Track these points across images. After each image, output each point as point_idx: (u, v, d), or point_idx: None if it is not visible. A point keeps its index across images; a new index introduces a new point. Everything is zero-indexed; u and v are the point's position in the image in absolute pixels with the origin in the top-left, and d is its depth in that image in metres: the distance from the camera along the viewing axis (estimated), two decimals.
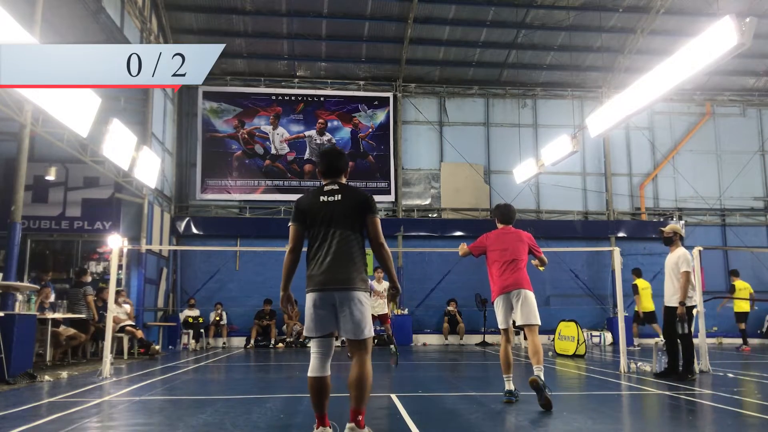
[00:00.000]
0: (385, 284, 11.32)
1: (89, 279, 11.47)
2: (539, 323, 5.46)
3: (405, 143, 17.19)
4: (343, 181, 3.87)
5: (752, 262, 16.67)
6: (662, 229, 7.77)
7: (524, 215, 16.54)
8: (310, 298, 3.65)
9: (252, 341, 14.32)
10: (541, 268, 5.96)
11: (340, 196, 3.70)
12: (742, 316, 13.20)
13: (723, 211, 17.48)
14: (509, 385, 5.47)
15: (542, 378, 5.01)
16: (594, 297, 16.44)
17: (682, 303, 7.13)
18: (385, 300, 11.01)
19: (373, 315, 11.49)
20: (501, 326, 5.60)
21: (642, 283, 13.06)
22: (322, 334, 3.64)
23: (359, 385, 3.51)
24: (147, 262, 13.33)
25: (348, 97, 17.12)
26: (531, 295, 5.49)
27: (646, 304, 12.88)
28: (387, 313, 11.03)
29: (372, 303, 10.97)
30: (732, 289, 13.61)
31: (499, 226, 5.81)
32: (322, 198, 3.71)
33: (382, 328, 11.80)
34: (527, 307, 5.40)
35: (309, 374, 3.63)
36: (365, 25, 15.90)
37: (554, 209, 17.14)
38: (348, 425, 3.52)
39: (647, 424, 4.58)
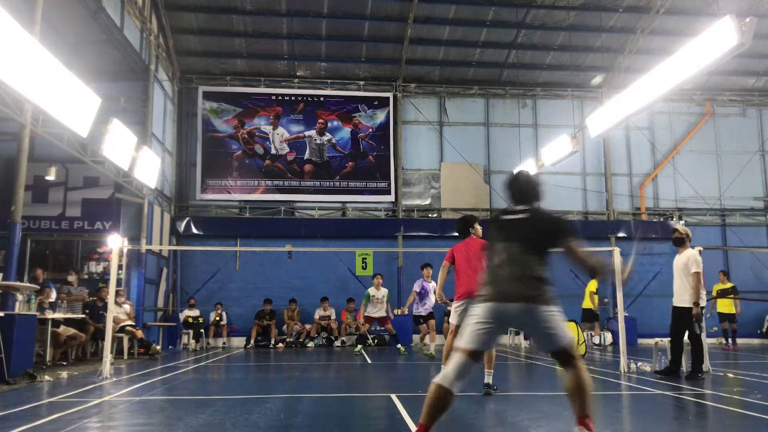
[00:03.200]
0: (384, 291, 12.32)
1: (73, 282, 11.40)
2: None
3: (405, 143, 17.18)
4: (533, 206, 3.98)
5: (752, 262, 16.67)
6: (677, 228, 7.71)
7: None
8: (483, 309, 3.48)
9: (252, 341, 14.32)
10: None
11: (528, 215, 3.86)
12: (724, 317, 13.84)
13: (723, 211, 17.46)
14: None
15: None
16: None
17: (696, 303, 7.10)
18: (384, 304, 12.09)
19: (373, 317, 11.96)
20: None
21: None
22: (483, 348, 3.47)
23: (581, 393, 3.46)
24: (147, 262, 13.33)
25: (348, 97, 17.11)
26: None
27: None
28: (386, 316, 12.20)
29: (371, 308, 11.73)
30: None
31: None
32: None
33: (382, 328, 12.77)
34: None
35: (439, 381, 3.26)
36: (365, 25, 15.90)
37: (554, 209, 17.02)
38: (576, 428, 3.42)
39: (647, 424, 4.58)
